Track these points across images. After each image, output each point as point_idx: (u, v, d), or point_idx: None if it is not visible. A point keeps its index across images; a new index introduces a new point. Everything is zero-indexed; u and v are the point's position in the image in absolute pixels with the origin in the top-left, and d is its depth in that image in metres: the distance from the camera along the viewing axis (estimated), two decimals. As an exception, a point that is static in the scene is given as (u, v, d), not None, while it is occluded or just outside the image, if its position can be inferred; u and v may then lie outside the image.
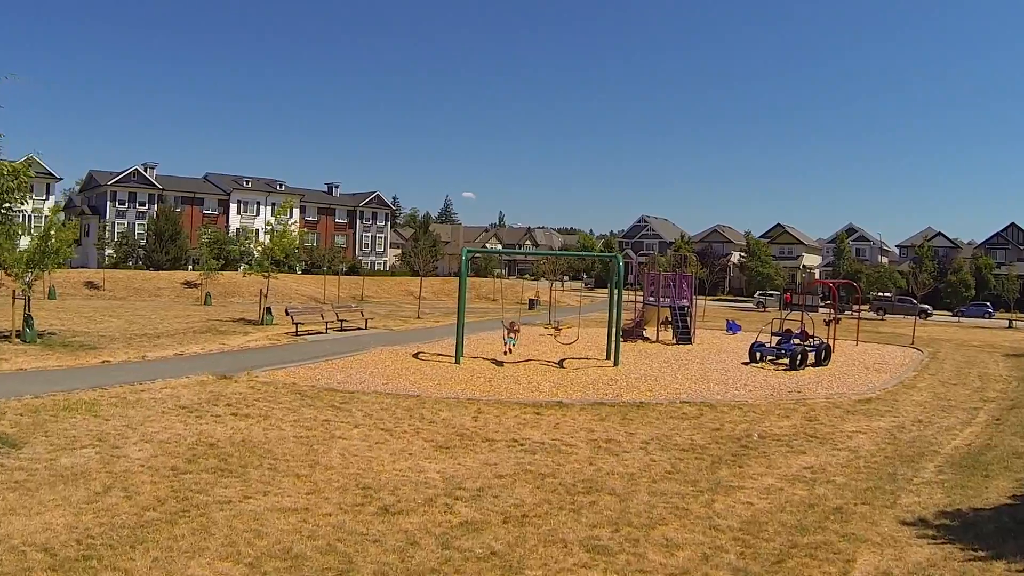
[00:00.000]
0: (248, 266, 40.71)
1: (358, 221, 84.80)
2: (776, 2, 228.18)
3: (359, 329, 28.60)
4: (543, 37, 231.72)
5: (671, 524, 8.04)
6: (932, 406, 16.16)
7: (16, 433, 10.69)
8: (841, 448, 11.88)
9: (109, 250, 61.24)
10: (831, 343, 23.86)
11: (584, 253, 71.71)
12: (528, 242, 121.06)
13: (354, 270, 69.70)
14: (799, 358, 21.17)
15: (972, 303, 62.60)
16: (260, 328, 27.64)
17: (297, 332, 25.92)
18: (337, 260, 66.74)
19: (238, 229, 68.19)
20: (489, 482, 9.36)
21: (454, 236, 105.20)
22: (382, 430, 11.96)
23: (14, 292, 22.01)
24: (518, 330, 21.63)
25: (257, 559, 6.71)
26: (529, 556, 7.02)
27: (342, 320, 28.88)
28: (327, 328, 27.43)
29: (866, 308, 48.71)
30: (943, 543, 7.64)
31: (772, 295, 61.47)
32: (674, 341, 27.46)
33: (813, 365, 21.70)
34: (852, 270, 69.33)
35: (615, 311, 21.61)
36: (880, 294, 57.44)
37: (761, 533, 7.83)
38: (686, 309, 28.56)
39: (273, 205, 61.29)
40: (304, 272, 63.35)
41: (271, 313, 29.98)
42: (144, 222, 65.36)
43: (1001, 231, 78.57)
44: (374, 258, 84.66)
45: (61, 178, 66.96)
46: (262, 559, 6.71)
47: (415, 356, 21.14)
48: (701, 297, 45.60)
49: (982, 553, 7.31)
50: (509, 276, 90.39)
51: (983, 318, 56.19)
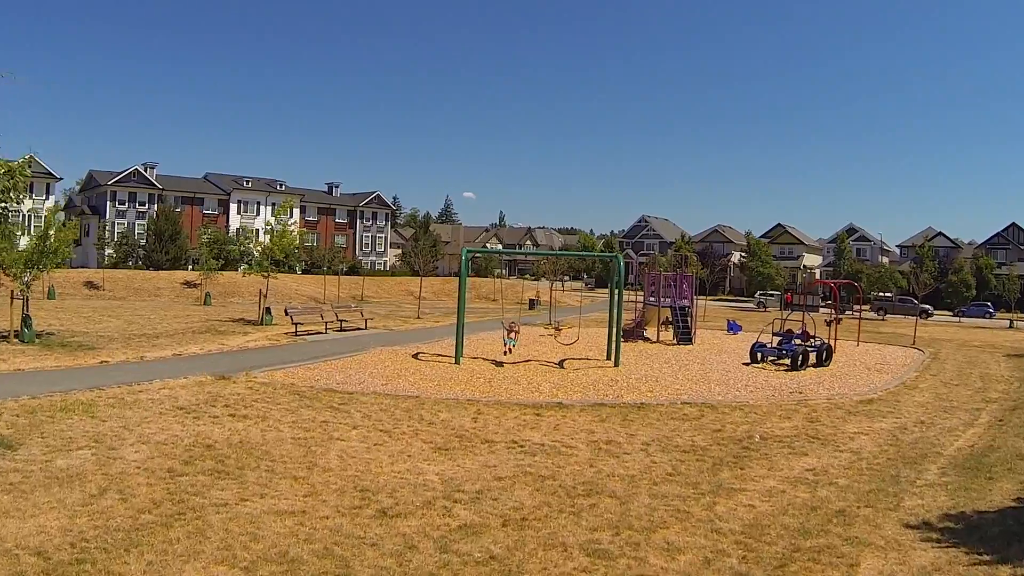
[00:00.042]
0: (248, 266, 40.66)
1: (358, 221, 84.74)
2: (776, 2, 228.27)
3: (359, 329, 28.52)
4: (543, 37, 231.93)
5: (672, 527, 7.96)
6: (934, 407, 16.08)
7: (12, 434, 10.61)
8: (843, 449, 11.80)
9: (109, 250, 61.18)
10: (832, 343, 23.78)
11: (584, 253, 71.63)
12: (528, 242, 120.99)
13: (354, 270, 69.62)
14: (800, 359, 21.09)
15: (973, 303, 62.50)
16: (259, 328, 27.57)
17: (296, 332, 25.85)
18: (337, 260, 66.67)
19: (238, 229, 68.09)
20: (488, 484, 9.28)
21: (454, 236, 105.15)
22: (381, 431, 11.87)
23: (12, 292, 21.96)
24: (518, 331, 21.54)
25: (253, 563, 6.63)
26: (528, 560, 6.94)
27: (342, 320, 28.80)
28: (327, 328, 27.36)
29: (867, 308, 48.59)
30: (947, 547, 7.56)
31: (773, 295, 61.38)
32: (675, 341, 27.40)
33: (814, 365, 21.62)
34: (853, 270, 69.25)
35: (615, 311, 21.53)
36: (881, 294, 57.30)
37: (763, 537, 7.75)
38: (687, 309, 28.49)
39: (273, 205, 61.24)
40: (304, 272, 63.27)
41: (270, 313, 29.93)
42: (144, 222, 65.30)
43: (1002, 231, 78.54)
44: (374, 258, 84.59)
45: (61, 178, 67.05)
46: (258, 563, 6.63)
47: (415, 356, 21.06)
48: (701, 297, 45.50)
49: (987, 557, 7.23)
50: (509, 276, 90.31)
51: (984, 318, 56.09)
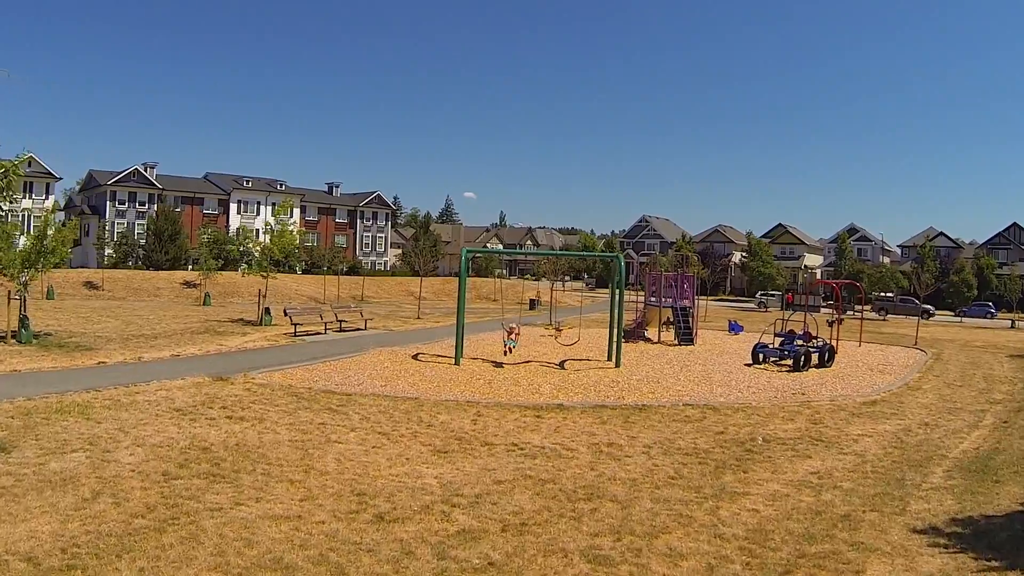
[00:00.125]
0: (247, 266, 40.50)
1: (358, 221, 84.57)
2: (776, 2, 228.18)
3: (358, 330, 28.38)
4: (543, 37, 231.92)
5: (675, 532, 7.82)
6: (938, 408, 15.93)
7: (6, 436, 10.48)
8: (847, 452, 11.66)
9: (108, 250, 61.02)
10: (834, 344, 23.63)
11: (585, 253, 71.42)
12: (529, 242, 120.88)
13: (354, 270, 69.46)
14: (803, 359, 20.95)
15: (974, 303, 62.28)
16: (259, 329, 27.45)
17: (296, 333, 25.71)
18: (337, 260, 66.53)
19: (238, 229, 67.91)
20: (488, 488, 9.14)
21: (455, 236, 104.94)
22: (379, 434, 11.74)
23: (10, 292, 21.84)
24: (518, 333, 21.39)
25: (247, 569, 6.49)
26: (528, 567, 6.80)
27: (341, 321, 28.65)
28: (326, 329, 27.23)
29: (868, 308, 48.43)
30: (955, 552, 7.42)
31: (774, 295, 61.23)
32: (676, 342, 27.25)
33: (816, 366, 21.48)
34: (854, 270, 69.10)
35: (616, 312, 21.39)
36: (882, 294, 57.13)
37: (767, 542, 7.61)
38: (688, 309, 28.34)
39: (273, 205, 60.94)
40: (304, 272, 63.14)
41: (270, 313, 29.80)
42: (144, 222, 65.14)
43: (1003, 231, 78.31)
44: (374, 258, 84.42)
45: (61, 178, 66.90)
46: (251, 569, 6.50)
47: (414, 357, 20.92)
48: (702, 297, 45.36)
49: (996, 563, 7.09)
50: (510, 276, 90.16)
51: (985, 318, 55.91)
